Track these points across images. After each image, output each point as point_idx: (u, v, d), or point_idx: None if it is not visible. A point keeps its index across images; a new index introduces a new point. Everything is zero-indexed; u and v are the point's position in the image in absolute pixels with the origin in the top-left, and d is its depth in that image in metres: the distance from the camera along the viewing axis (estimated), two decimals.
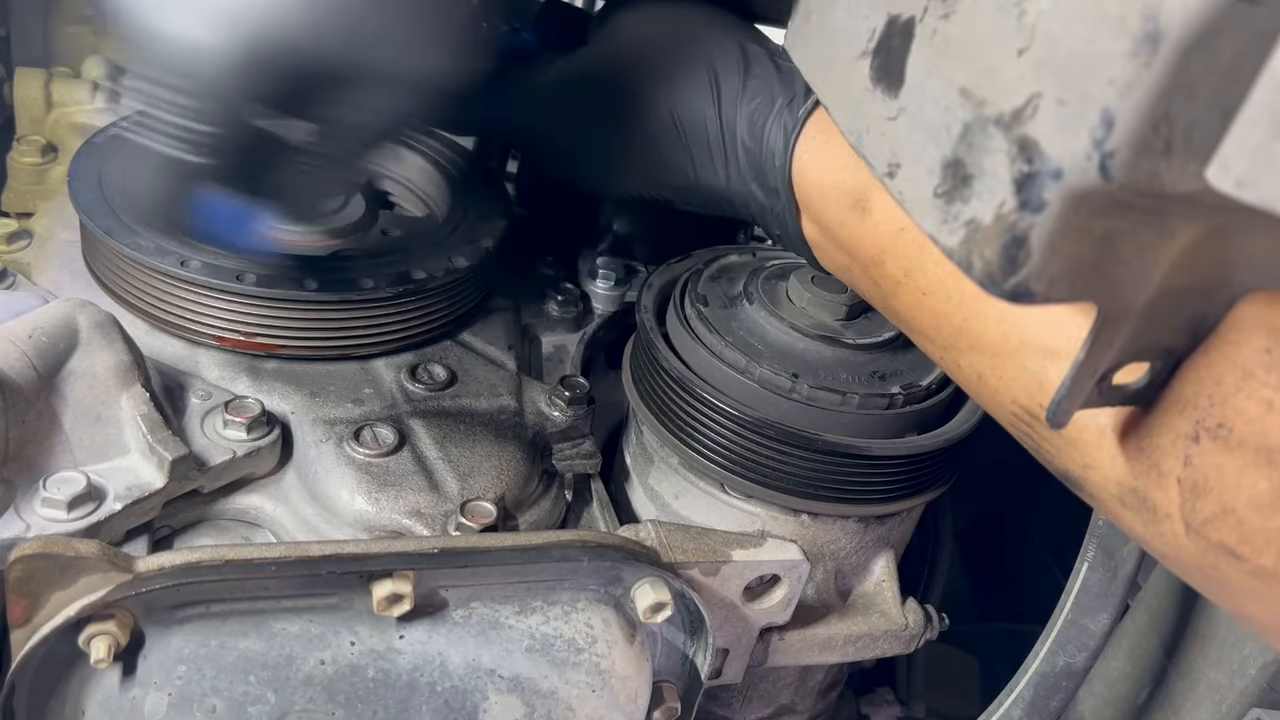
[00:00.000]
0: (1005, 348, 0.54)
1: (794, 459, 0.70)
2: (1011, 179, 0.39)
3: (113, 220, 0.73)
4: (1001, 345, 0.55)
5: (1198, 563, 0.48)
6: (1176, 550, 0.49)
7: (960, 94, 0.42)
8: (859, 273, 0.67)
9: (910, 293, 0.61)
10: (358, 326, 0.75)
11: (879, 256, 0.63)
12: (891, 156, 0.47)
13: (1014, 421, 0.55)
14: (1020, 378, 0.54)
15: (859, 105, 0.50)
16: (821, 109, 0.66)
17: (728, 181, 0.74)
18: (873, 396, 0.70)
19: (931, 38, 0.44)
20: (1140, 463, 0.48)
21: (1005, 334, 0.54)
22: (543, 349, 0.88)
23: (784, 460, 0.70)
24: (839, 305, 0.75)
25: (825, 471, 0.71)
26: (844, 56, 0.51)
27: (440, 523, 0.66)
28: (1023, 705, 0.74)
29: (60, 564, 0.51)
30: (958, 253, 0.41)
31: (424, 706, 0.58)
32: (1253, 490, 0.43)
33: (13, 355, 0.59)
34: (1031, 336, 0.53)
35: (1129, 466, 0.49)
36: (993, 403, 0.57)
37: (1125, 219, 0.38)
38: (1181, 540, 0.48)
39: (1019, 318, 0.54)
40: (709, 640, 0.67)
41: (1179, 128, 0.34)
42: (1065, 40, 0.37)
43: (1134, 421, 0.48)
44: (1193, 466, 0.46)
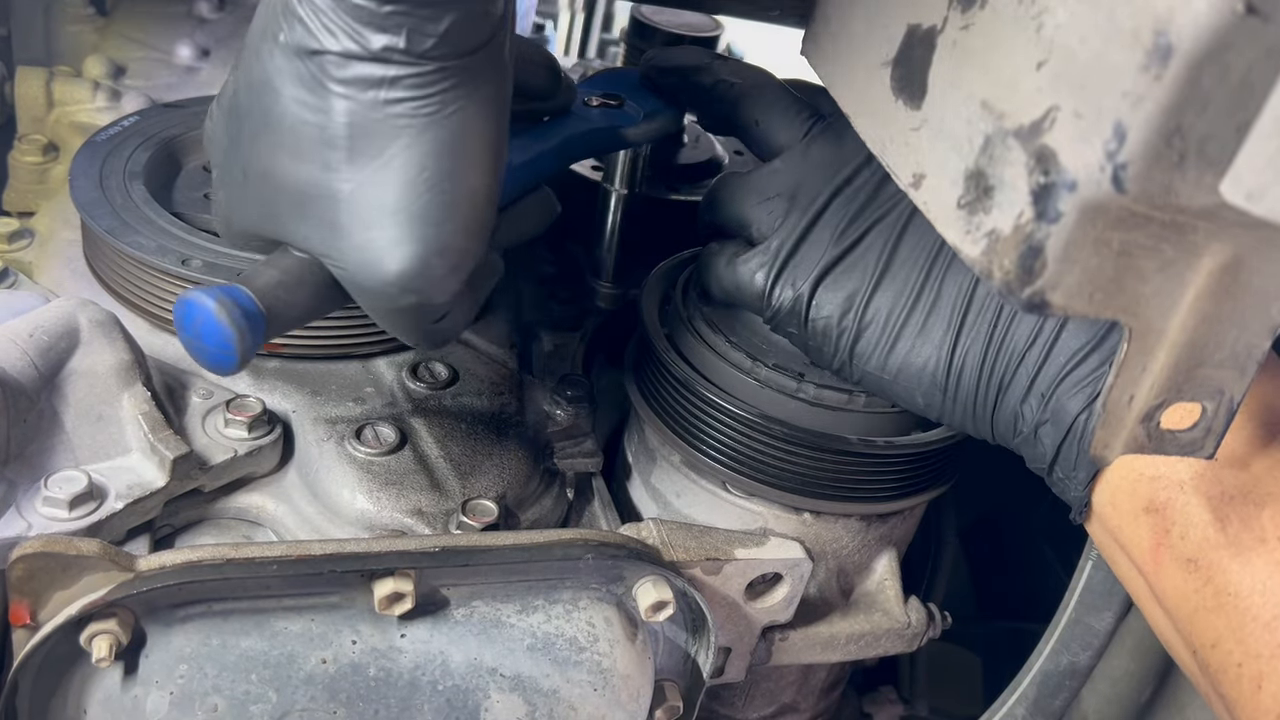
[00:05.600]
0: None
1: (797, 458, 0.70)
2: (1029, 190, 0.39)
3: (114, 219, 0.73)
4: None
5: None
6: None
7: (981, 106, 0.42)
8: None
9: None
10: (359, 325, 0.75)
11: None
12: (916, 168, 0.47)
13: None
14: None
15: (882, 116, 0.50)
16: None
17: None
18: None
19: (952, 49, 0.45)
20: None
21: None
22: (544, 347, 0.88)
23: (787, 459, 0.70)
24: None
25: (828, 470, 0.71)
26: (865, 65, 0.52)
27: (442, 521, 0.66)
28: (1026, 704, 0.74)
29: (62, 563, 0.51)
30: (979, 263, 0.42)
31: (425, 705, 0.58)
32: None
33: (14, 354, 0.59)
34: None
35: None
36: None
37: (1144, 232, 0.38)
38: None
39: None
40: (711, 639, 0.67)
41: (1192, 141, 0.34)
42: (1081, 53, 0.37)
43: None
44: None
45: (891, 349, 0.63)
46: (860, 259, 0.63)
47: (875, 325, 0.63)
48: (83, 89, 0.95)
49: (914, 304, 0.62)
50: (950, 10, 0.45)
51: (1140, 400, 0.43)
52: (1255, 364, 0.43)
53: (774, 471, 0.71)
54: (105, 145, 0.81)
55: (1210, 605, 0.50)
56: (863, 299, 0.63)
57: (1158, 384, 0.42)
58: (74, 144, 0.85)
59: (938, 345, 0.62)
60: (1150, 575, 0.54)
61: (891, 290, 0.63)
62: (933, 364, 0.62)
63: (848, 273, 0.64)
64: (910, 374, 0.63)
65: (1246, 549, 0.49)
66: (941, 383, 0.62)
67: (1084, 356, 0.57)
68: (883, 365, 0.64)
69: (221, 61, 1.05)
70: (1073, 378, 0.57)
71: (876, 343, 0.63)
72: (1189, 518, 0.51)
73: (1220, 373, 0.43)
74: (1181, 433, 0.44)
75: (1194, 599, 0.51)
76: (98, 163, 0.78)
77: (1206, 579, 0.50)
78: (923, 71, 0.47)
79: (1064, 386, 0.57)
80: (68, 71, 0.97)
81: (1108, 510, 0.56)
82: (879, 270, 0.63)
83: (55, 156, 0.92)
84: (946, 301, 0.62)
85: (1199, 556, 0.50)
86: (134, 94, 0.97)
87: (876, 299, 0.63)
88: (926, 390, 0.63)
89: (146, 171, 0.79)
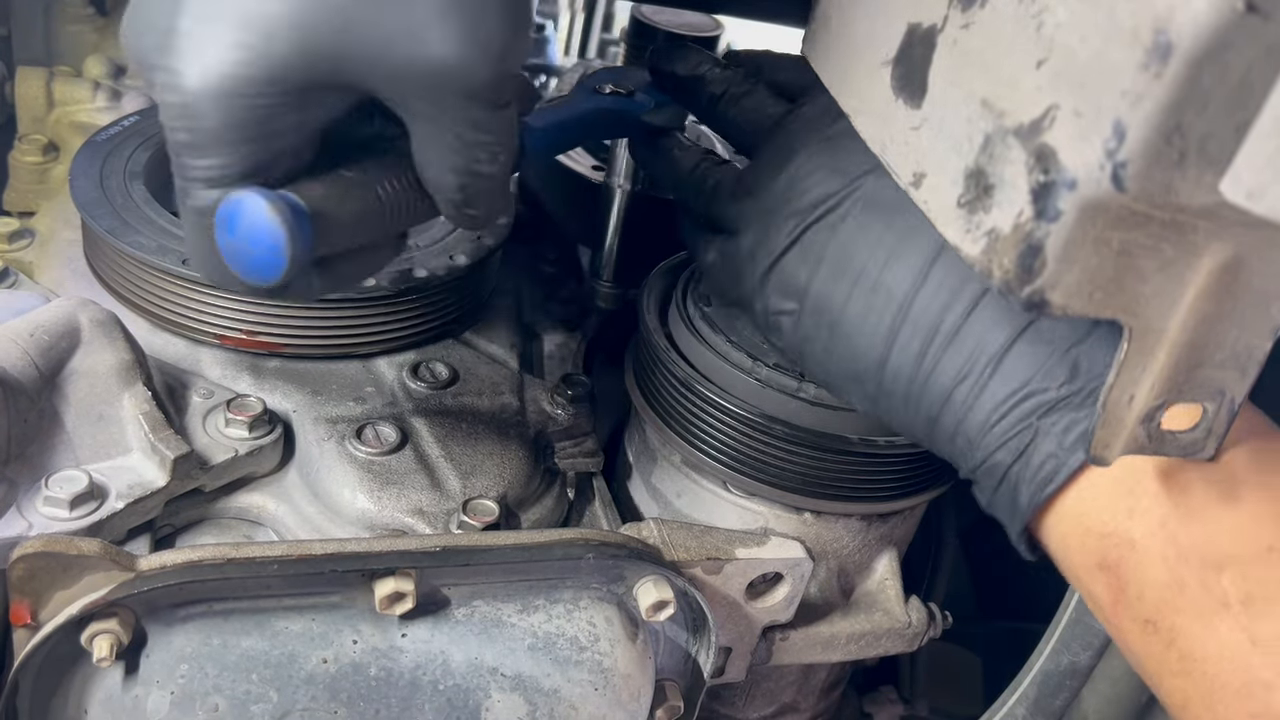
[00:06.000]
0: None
1: (798, 457, 0.70)
2: (1029, 189, 0.39)
3: (114, 219, 0.73)
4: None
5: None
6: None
7: (981, 105, 0.42)
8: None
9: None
10: (360, 325, 0.75)
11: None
12: (916, 167, 0.47)
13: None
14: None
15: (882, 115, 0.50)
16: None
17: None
18: None
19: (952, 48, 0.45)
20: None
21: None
22: (545, 347, 0.88)
23: (788, 458, 0.70)
24: None
25: (829, 469, 0.71)
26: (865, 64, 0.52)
27: (442, 521, 0.66)
28: (1026, 704, 0.74)
29: (62, 563, 0.51)
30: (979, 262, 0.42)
31: (426, 705, 0.58)
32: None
33: (14, 354, 0.59)
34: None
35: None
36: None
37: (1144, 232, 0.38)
38: None
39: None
40: (712, 639, 0.67)
41: (1192, 139, 0.34)
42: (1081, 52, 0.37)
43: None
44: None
45: (828, 345, 0.60)
46: (810, 248, 0.60)
47: (812, 316, 0.60)
48: (83, 89, 0.95)
49: (848, 301, 0.59)
50: (950, 9, 0.45)
51: (1140, 400, 0.43)
52: (1256, 365, 0.43)
53: (775, 471, 0.71)
54: (105, 145, 0.81)
55: (1176, 669, 0.47)
56: (803, 286, 0.60)
57: (1158, 384, 0.42)
58: (74, 144, 0.85)
59: (870, 350, 0.58)
60: (1113, 629, 0.52)
61: (831, 282, 0.60)
62: (865, 370, 0.58)
63: (799, 261, 0.61)
64: (846, 376, 0.60)
65: (1209, 614, 0.46)
66: (873, 393, 0.59)
67: (1014, 405, 0.53)
68: (821, 363, 0.61)
69: None
70: (1000, 428, 0.53)
71: (814, 335, 0.60)
72: (1144, 578, 0.48)
73: (1221, 373, 0.43)
74: (1182, 434, 0.44)
75: (1159, 660, 0.48)
76: (98, 162, 0.78)
77: (1169, 642, 0.47)
78: (923, 70, 0.47)
79: (991, 436, 0.54)
80: (68, 71, 0.97)
81: (1061, 558, 0.54)
82: (821, 259, 0.60)
83: (55, 156, 0.92)
84: (886, 304, 0.57)
85: (1158, 620, 0.48)
86: (134, 94, 0.97)
87: (815, 287, 0.60)
88: (860, 398, 0.61)
89: (147, 171, 0.79)
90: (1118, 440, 0.43)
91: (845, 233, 0.59)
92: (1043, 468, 0.52)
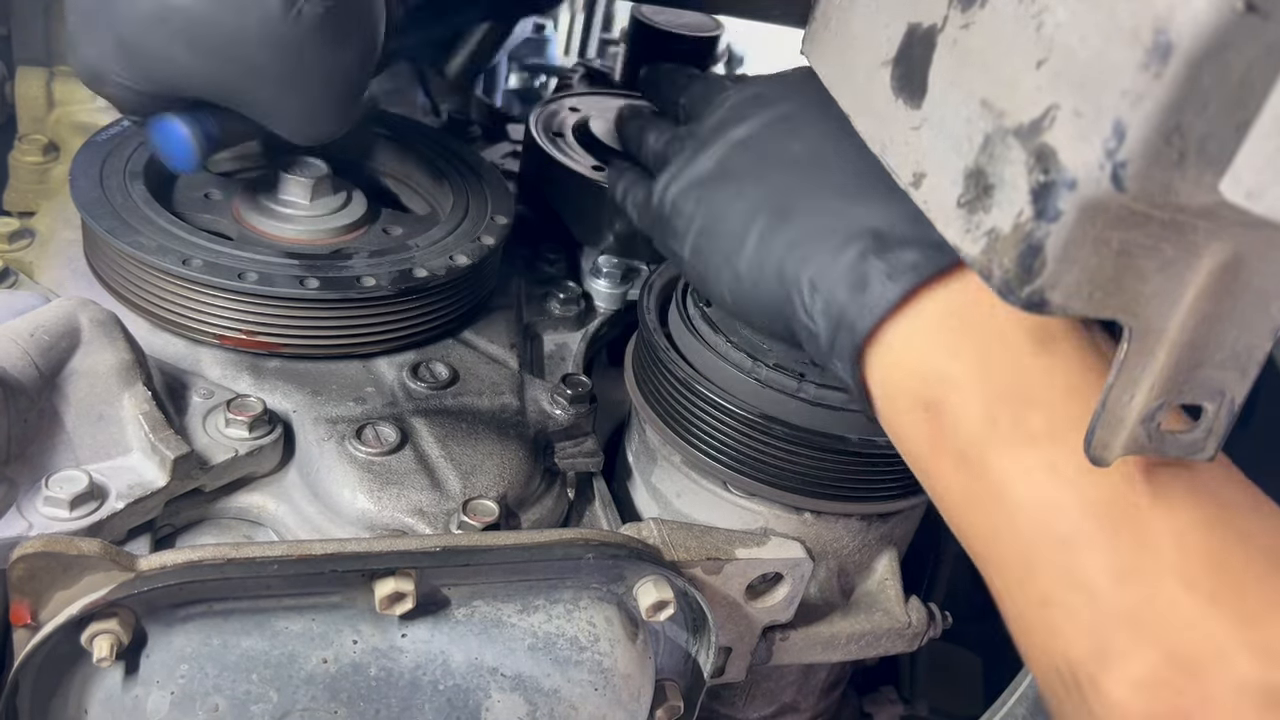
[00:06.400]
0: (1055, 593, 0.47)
1: (798, 458, 0.70)
2: (1029, 189, 0.39)
3: (114, 219, 0.73)
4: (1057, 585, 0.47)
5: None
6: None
7: (981, 105, 0.42)
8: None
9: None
10: (359, 325, 0.75)
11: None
12: (916, 166, 0.47)
13: (1048, 678, 0.48)
14: (1059, 633, 0.47)
15: (882, 115, 0.50)
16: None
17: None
18: None
19: (952, 48, 0.45)
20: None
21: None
22: (545, 347, 0.88)
23: (788, 458, 0.70)
24: None
25: (829, 470, 0.71)
26: (865, 64, 0.52)
27: (442, 521, 0.66)
28: (1026, 704, 0.74)
29: (63, 563, 0.51)
30: (979, 262, 0.42)
31: (426, 705, 0.58)
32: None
33: (15, 354, 0.59)
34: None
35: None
36: (1027, 644, 0.50)
37: (1144, 232, 0.38)
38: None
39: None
40: (712, 638, 0.67)
41: (1192, 139, 0.34)
42: (1081, 52, 0.37)
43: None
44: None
45: (709, 248, 0.64)
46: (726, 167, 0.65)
47: (706, 230, 0.64)
48: (83, 89, 0.95)
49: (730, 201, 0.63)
50: (950, 9, 0.45)
51: (1140, 400, 0.43)
52: (1256, 365, 0.43)
53: (775, 471, 0.71)
54: (106, 145, 0.81)
55: (983, 500, 0.50)
56: (698, 188, 0.65)
57: (1158, 384, 0.42)
58: (74, 144, 0.85)
59: (735, 236, 0.62)
60: (929, 474, 0.54)
61: (714, 188, 0.64)
62: (733, 252, 0.62)
63: (710, 179, 0.65)
64: (721, 268, 0.64)
65: (1017, 446, 0.49)
66: (739, 275, 0.62)
67: (853, 243, 0.55)
68: (710, 272, 0.64)
69: None
70: (840, 267, 0.55)
71: (704, 247, 0.64)
72: (960, 415, 0.51)
73: (1221, 373, 0.43)
74: (1182, 434, 0.44)
75: (968, 494, 0.51)
76: (98, 162, 0.78)
77: (979, 474, 0.50)
78: (923, 70, 0.47)
79: (833, 277, 0.56)
80: (68, 71, 0.97)
81: (887, 403, 0.56)
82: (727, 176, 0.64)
83: (56, 156, 0.92)
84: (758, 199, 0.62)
85: (971, 453, 0.51)
86: None
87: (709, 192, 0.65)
88: (732, 286, 0.63)
89: (147, 171, 0.79)
90: (1117, 440, 0.43)
91: (748, 158, 0.64)
92: (873, 297, 0.54)
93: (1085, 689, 0.45)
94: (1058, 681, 0.47)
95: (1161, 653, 0.43)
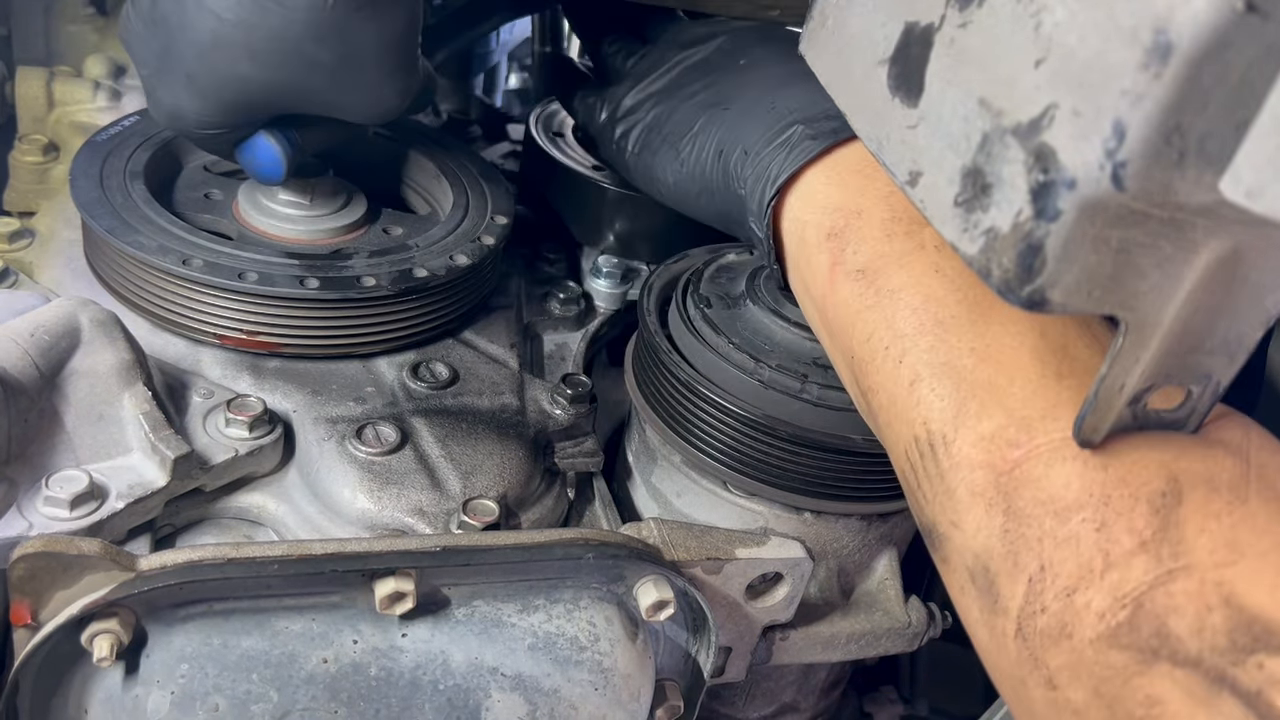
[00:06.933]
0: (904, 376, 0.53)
1: (799, 458, 0.70)
2: (1028, 188, 0.39)
3: (114, 219, 0.73)
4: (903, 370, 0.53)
5: (1012, 670, 0.46)
6: (999, 649, 0.47)
7: (979, 104, 0.42)
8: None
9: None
10: (360, 325, 0.75)
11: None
12: (912, 165, 0.47)
13: (908, 451, 0.53)
14: (923, 404, 0.52)
15: (879, 113, 0.50)
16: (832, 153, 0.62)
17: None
18: None
19: (950, 47, 0.45)
20: (1003, 545, 0.46)
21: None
22: (545, 347, 0.88)
23: (788, 459, 0.70)
24: None
25: (829, 470, 0.71)
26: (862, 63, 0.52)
27: (442, 521, 0.66)
28: None
29: (63, 562, 0.51)
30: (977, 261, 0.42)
31: (426, 705, 0.58)
32: (1099, 626, 0.42)
33: (15, 354, 0.59)
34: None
35: (990, 544, 0.47)
36: (890, 429, 0.55)
37: (1142, 230, 0.38)
38: (1007, 641, 0.46)
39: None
40: (712, 638, 0.67)
41: (1192, 139, 0.34)
42: (1080, 51, 0.37)
43: (1010, 500, 0.46)
44: (1049, 573, 0.44)
45: (658, 148, 0.75)
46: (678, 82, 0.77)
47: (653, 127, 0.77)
48: (83, 89, 0.95)
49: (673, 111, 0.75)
50: (948, 8, 0.45)
51: (1130, 387, 0.43)
52: (1246, 351, 0.44)
53: (775, 471, 0.71)
54: (106, 145, 0.81)
55: (870, 304, 0.56)
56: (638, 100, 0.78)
57: (1148, 370, 0.43)
58: (74, 144, 0.85)
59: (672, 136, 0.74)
60: (826, 301, 0.60)
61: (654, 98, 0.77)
62: (680, 144, 0.74)
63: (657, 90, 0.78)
64: (667, 167, 0.75)
65: (907, 255, 0.56)
66: (684, 168, 0.73)
67: (790, 119, 0.65)
68: (655, 168, 0.76)
69: None
70: (777, 137, 0.65)
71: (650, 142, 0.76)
72: (862, 237, 0.58)
73: (1211, 359, 0.43)
74: (1166, 412, 0.45)
75: (857, 303, 0.57)
76: (98, 162, 0.78)
77: (870, 283, 0.56)
78: (920, 69, 0.47)
79: (770, 145, 0.65)
80: (68, 71, 0.97)
81: (796, 250, 0.63)
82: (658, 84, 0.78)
83: (56, 156, 0.92)
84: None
85: (867, 267, 0.57)
86: (135, 94, 0.97)
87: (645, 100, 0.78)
88: (675, 174, 0.74)
89: (147, 171, 0.79)
90: (1106, 423, 0.44)
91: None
92: (796, 153, 0.63)
93: (938, 450, 0.50)
94: (914, 452, 0.52)
95: (1006, 413, 0.48)
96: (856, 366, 0.57)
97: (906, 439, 0.52)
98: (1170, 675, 0.40)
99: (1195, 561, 0.41)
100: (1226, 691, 0.38)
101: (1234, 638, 0.39)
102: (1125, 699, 0.41)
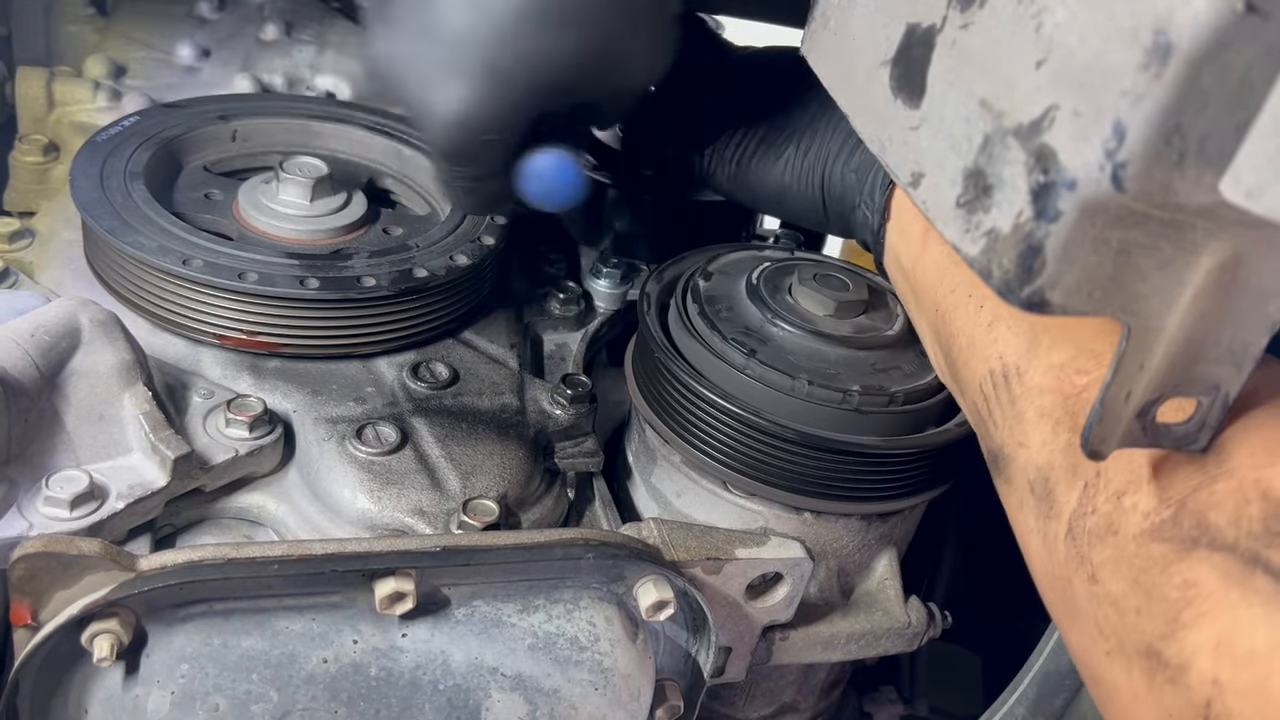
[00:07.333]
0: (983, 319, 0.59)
1: (798, 457, 0.70)
2: (1029, 189, 0.39)
3: (114, 219, 0.73)
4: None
5: (1059, 571, 0.50)
6: (1049, 553, 0.51)
7: (980, 105, 0.42)
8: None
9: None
10: (360, 325, 0.75)
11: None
12: (915, 166, 0.47)
13: (982, 385, 0.58)
14: (1000, 341, 0.57)
15: (881, 115, 0.50)
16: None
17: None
18: (873, 395, 0.70)
19: (951, 48, 0.45)
20: (1065, 458, 0.51)
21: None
22: (545, 347, 0.88)
23: (787, 459, 0.70)
24: (841, 303, 0.75)
25: (827, 470, 0.71)
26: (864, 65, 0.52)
27: (442, 521, 0.66)
28: (1026, 703, 0.74)
29: (63, 563, 0.51)
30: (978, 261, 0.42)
31: (426, 705, 0.58)
32: (1144, 524, 0.45)
33: (15, 354, 0.59)
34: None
35: (1053, 458, 0.52)
36: (968, 369, 0.60)
37: (1143, 231, 0.38)
38: (1058, 543, 0.50)
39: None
40: (712, 638, 0.67)
41: (1192, 139, 0.34)
42: (1081, 52, 0.37)
43: (1076, 419, 0.51)
44: (1103, 479, 0.48)
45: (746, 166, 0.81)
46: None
47: (727, 148, 0.82)
48: (83, 89, 0.95)
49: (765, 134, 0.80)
50: (949, 9, 0.45)
51: (1137, 396, 0.43)
52: (1252, 360, 0.43)
53: (775, 471, 0.71)
54: (106, 145, 0.81)
55: (956, 260, 0.60)
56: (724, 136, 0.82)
57: (1154, 380, 0.42)
58: (74, 144, 0.85)
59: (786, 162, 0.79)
60: (916, 265, 0.65)
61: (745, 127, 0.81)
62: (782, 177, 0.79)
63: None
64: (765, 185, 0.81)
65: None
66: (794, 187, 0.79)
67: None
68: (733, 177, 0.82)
69: (222, 62, 1.05)
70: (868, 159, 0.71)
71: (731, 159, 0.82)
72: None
73: (1217, 369, 0.43)
74: (1176, 426, 0.45)
75: (945, 260, 0.62)
76: (98, 163, 0.78)
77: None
78: (921, 70, 0.47)
79: (874, 169, 0.70)
80: (68, 71, 0.97)
81: (898, 240, 0.68)
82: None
83: (56, 156, 0.92)
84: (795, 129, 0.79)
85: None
86: (134, 94, 0.97)
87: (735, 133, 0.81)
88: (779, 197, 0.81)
89: (147, 171, 0.79)
90: (1114, 435, 0.43)
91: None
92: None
93: (1011, 380, 0.55)
94: (989, 384, 0.57)
95: (1076, 346, 0.53)
96: (940, 318, 0.63)
97: (982, 374, 0.58)
98: (1208, 560, 0.43)
99: (1236, 465, 0.44)
100: (1260, 570, 0.41)
101: (1269, 524, 0.42)
102: (1162, 584, 0.44)
